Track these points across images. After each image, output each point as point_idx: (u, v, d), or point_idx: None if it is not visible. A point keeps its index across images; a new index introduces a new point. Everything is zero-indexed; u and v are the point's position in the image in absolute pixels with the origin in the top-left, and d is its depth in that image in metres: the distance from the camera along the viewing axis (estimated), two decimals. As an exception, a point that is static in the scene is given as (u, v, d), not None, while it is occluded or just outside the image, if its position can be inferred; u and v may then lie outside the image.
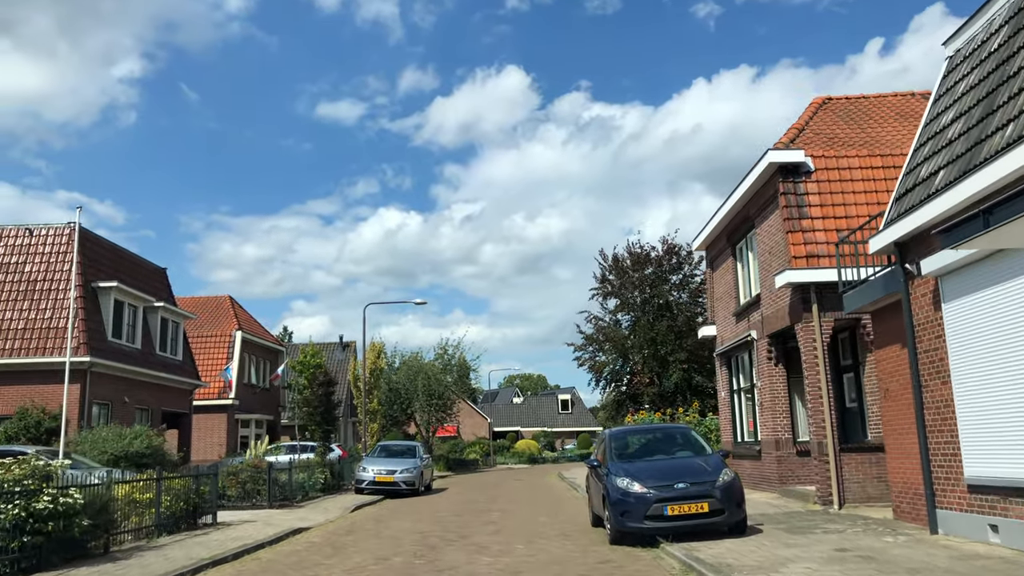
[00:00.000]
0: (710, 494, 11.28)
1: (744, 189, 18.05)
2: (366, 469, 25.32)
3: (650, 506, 11.23)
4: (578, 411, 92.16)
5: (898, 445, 12.53)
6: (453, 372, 49.68)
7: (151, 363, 28.17)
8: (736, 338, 20.26)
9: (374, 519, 17.84)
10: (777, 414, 17.80)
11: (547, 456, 70.80)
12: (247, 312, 43.15)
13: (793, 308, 16.08)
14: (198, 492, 15.27)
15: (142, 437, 21.62)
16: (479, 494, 25.49)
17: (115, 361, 25.24)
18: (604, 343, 43.83)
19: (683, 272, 43.56)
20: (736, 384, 21.41)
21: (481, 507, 20.01)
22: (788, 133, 17.63)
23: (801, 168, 16.43)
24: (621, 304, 44.01)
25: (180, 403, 30.95)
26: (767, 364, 18.04)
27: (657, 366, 41.77)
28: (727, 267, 21.37)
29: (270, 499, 19.93)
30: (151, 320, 28.88)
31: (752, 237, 19.13)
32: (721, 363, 22.26)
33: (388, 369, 47.11)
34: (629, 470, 11.91)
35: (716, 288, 22.76)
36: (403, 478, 25.06)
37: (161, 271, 31.68)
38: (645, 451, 13.02)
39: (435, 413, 47.71)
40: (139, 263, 29.63)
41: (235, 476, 20.26)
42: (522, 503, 21.10)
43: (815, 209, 16.13)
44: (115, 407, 25.69)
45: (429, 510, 19.57)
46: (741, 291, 20.49)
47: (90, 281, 25.15)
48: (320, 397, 26.30)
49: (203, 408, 36.58)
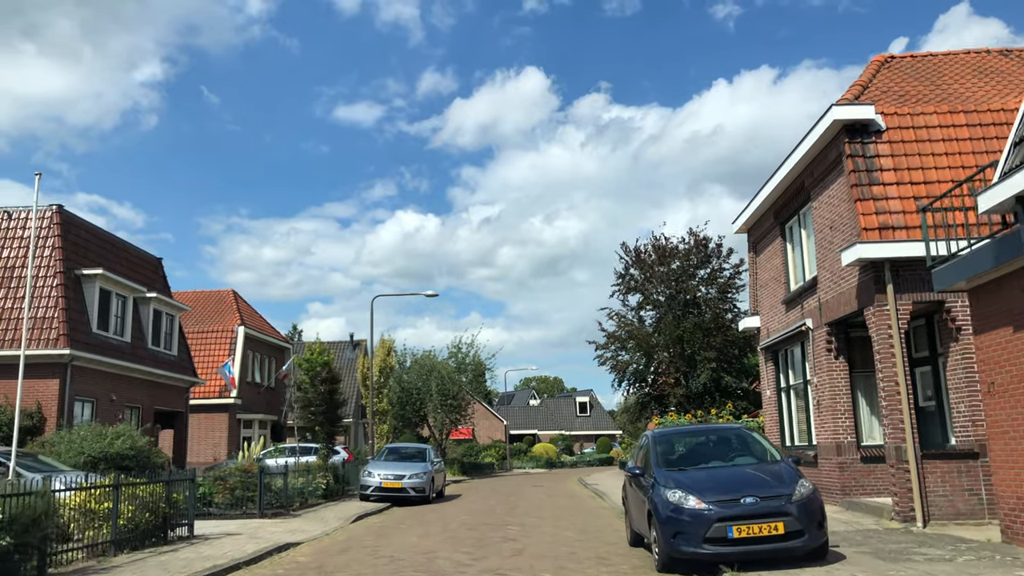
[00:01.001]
0: (785, 511, 8.99)
1: (800, 155, 15.73)
2: (371, 474, 23.14)
3: (710, 526, 8.96)
4: (596, 414, 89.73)
5: (1009, 451, 10.19)
6: (468, 372, 47.35)
7: (142, 358, 26.15)
8: (786, 329, 17.92)
9: (376, 532, 15.64)
10: (838, 414, 15.45)
11: (565, 460, 68.44)
12: (251, 307, 41.18)
13: (862, 290, 13.73)
14: (169, 500, 13.13)
15: (124, 437, 19.59)
16: (496, 502, 23.25)
17: (99, 355, 23.21)
18: (627, 341, 41.43)
19: (711, 266, 41.06)
20: (785, 381, 19.06)
21: (498, 518, 17.76)
22: (851, 90, 15.29)
23: (870, 127, 14.09)
24: (645, 300, 41.59)
25: (175, 401, 28.92)
26: (825, 357, 15.69)
27: (684, 365, 39.34)
28: (774, 250, 19.03)
29: (261, 508, 17.78)
30: (142, 312, 26.87)
31: (807, 212, 16.80)
32: (766, 358, 19.91)
33: (399, 368, 44.94)
34: (682, 480, 9.63)
35: (760, 274, 20.41)
36: (412, 484, 22.87)
37: (155, 260, 29.68)
38: (698, 456, 10.72)
39: (449, 414, 45.44)
40: (130, 251, 27.63)
41: (223, 481, 18.13)
42: (544, 514, 18.84)
43: (888, 174, 13.79)
44: (100, 405, 23.67)
45: (439, 522, 17.35)
46: (792, 275, 18.15)
47: (72, 268, 23.15)
48: (322, 395, 24.09)
49: (203, 407, 34.62)
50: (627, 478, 12.19)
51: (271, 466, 25.11)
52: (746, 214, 20.11)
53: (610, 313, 42.27)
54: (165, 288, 29.53)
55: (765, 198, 18.51)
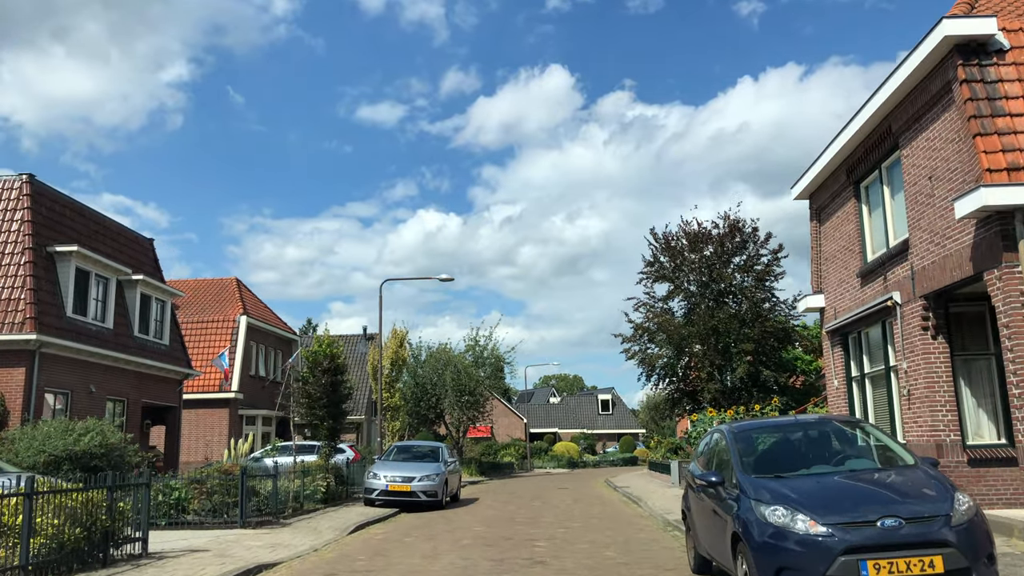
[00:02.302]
0: (942, 539, 6.22)
1: (887, 93, 12.91)
2: (377, 476, 20.53)
3: (832, 560, 6.20)
4: (619, 412, 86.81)
5: None
6: (486, 366, 44.52)
7: (127, 346, 23.68)
8: (862, 307, 15.07)
9: (374, 549, 12.99)
10: (936, 407, 12.61)
11: (588, 460, 65.62)
12: (256, 296, 38.74)
13: (982, 249, 10.90)
14: (112, 511, 10.53)
15: (94, 432, 17.13)
16: (517, 508, 20.55)
17: (75, 341, 20.75)
18: (656, 333, 38.52)
19: (747, 252, 38.05)
20: (858, 369, 16.21)
21: (521, 530, 15.05)
22: (957, 6, 12.42)
23: (990, 46, 11.26)
24: (675, 289, 38.64)
25: (167, 395, 26.46)
26: (920, 337, 12.85)
27: (718, 359, 36.39)
28: (845, 215, 16.18)
29: (243, 516, 15.16)
30: (128, 296, 24.40)
31: (894, 163, 13.96)
32: (834, 342, 17.05)
33: (414, 362, 42.34)
34: (784, 492, 6.88)
35: (825, 246, 17.56)
36: (422, 487, 20.24)
37: (146, 241, 27.24)
38: (795, 459, 7.92)
39: (466, 411, 42.72)
40: (115, 229, 25.17)
41: (200, 485, 15.56)
42: (575, 524, 16.12)
43: (1015, 103, 10.96)
44: (77, 397, 21.21)
45: (452, 534, 14.66)
46: (869, 243, 15.31)
47: (44, 244, 20.71)
48: (324, 387, 21.49)
49: (201, 402, 32.26)
50: (690, 486, 9.47)
51: (269, 466, 22.64)
52: (808, 176, 17.28)
53: (637, 304, 39.39)
54: (156, 271, 27.09)
55: (835, 155, 15.69)
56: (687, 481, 9.93)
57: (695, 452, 10.18)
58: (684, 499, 9.98)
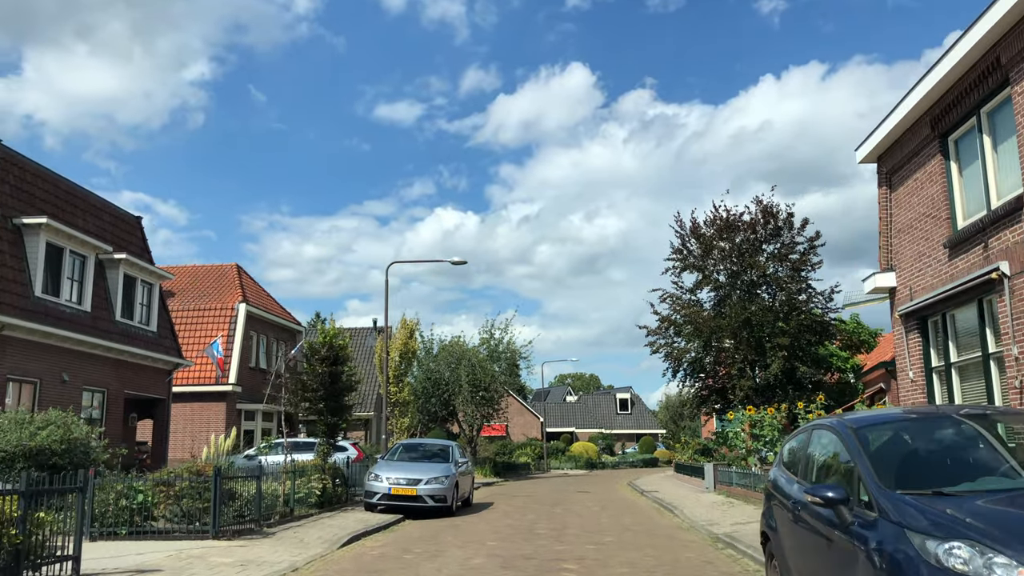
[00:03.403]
0: None
1: (1004, 9, 10.46)
2: (379, 477, 18.28)
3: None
4: (638, 412, 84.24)
5: None
6: (501, 361, 42.06)
7: (107, 332, 21.55)
8: (951, 284, 12.61)
9: (366, 569, 10.68)
10: (1060, 401, 10.16)
11: (607, 461, 63.14)
12: (257, 284, 36.56)
13: None
14: (25, 523, 8.26)
15: (54, 426, 14.98)
16: (537, 516, 18.22)
17: (44, 324, 18.63)
18: (684, 326, 35.99)
19: (781, 240, 35.43)
20: (941, 358, 13.73)
21: (544, 547, 12.71)
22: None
23: None
24: (704, 279, 36.08)
25: (154, 386, 24.32)
26: (1037, 316, 10.40)
27: (751, 353, 33.80)
28: (927, 176, 13.71)
29: (216, 524, 12.89)
30: (110, 276, 22.26)
31: (1002, 106, 11.50)
32: (908, 327, 14.58)
33: (425, 356, 40.05)
34: (959, 520, 4.49)
35: (898, 215, 15.07)
36: (430, 490, 17.95)
37: (133, 219, 25.09)
38: (954, 466, 5.52)
39: (481, 408, 40.34)
40: (96, 204, 23.01)
41: (167, 487, 13.31)
42: (607, 539, 13.77)
43: None
44: (46, 386, 19.09)
45: (461, 551, 12.33)
46: (961, 206, 12.83)
47: (9, 215, 18.57)
48: (321, 378, 19.24)
49: (196, 395, 30.15)
50: (776, 501, 7.10)
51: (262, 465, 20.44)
52: (879, 134, 14.82)
53: (663, 295, 36.87)
54: (143, 252, 24.93)
55: (915, 104, 13.23)
56: (768, 494, 7.56)
57: (778, 457, 7.79)
58: (765, 518, 7.59)
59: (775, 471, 7.62)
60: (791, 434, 7.65)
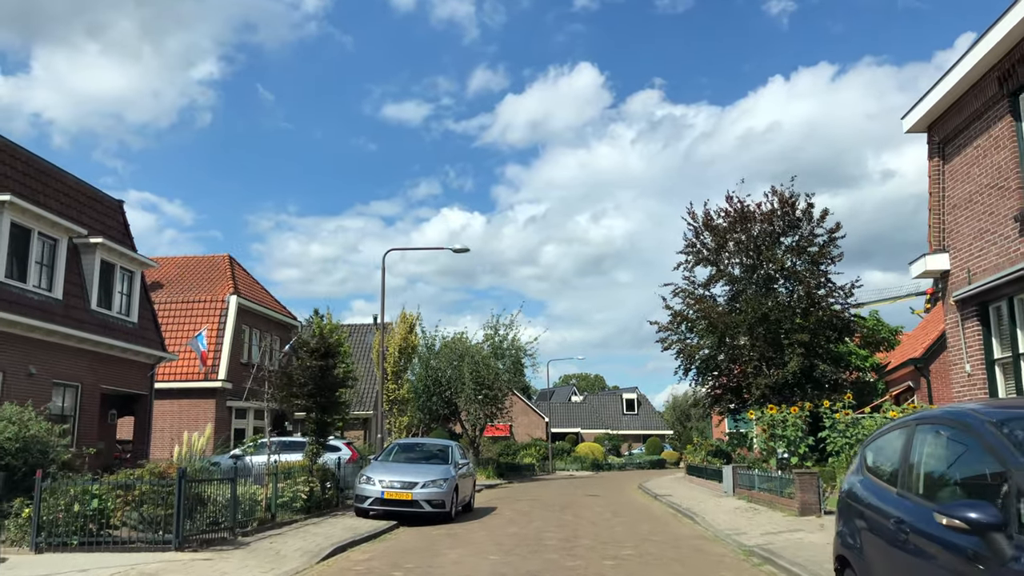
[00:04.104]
0: None
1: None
2: (371, 480, 16.69)
3: None
4: (645, 412, 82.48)
5: None
6: (506, 359, 40.34)
7: (82, 322, 19.98)
8: (1021, 264, 10.98)
9: (346, 589, 9.09)
10: None
11: (613, 462, 61.45)
12: (251, 276, 34.97)
13: None
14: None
15: (7, 422, 13.50)
16: (544, 523, 16.60)
17: (6, 312, 17.06)
18: (697, 321, 34.29)
19: (799, 232, 33.70)
20: (1006, 349, 12.08)
21: (555, 562, 11.08)
22: None
23: None
24: (718, 273, 34.36)
25: (134, 381, 22.74)
26: None
27: (769, 350, 32.07)
28: (993, 141, 12.06)
29: (179, 534, 11.28)
30: (85, 262, 20.70)
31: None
32: (966, 315, 12.93)
33: (426, 352, 38.44)
34: None
35: (953, 189, 13.43)
36: (427, 495, 16.35)
37: (114, 203, 23.53)
38: None
39: (484, 407, 38.65)
40: (72, 184, 21.43)
41: (126, 492, 11.72)
42: (626, 552, 12.14)
43: None
44: (10, 380, 17.52)
45: (457, 568, 10.68)
46: (1036, 174, 11.21)
47: (-31, 191, 17.03)
48: (311, 373, 17.66)
49: (184, 392, 28.62)
50: (863, 517, 5.49)
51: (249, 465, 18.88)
52: (932, 98, 13.18)
53: (675, 289, 35.16)
54: (125, 238, 23.36)
55: (979, 60, 11.60)
56: (845, 506, 5.94)
57: (856, 460, 6.15)
58: (841, 537, 5.97)
59: (852, 478, 6.00)
60: (876, 432, 6.03)
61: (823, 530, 13.42)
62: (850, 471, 6.17)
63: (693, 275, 35.06)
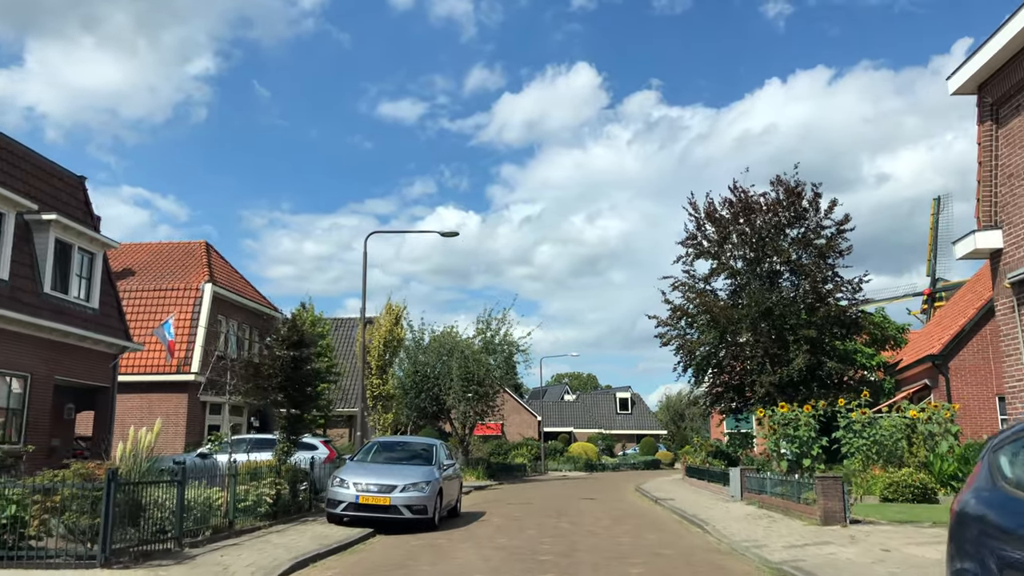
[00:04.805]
0: None
1: None
2: (344, 482, 14.96)
3: None
4: (639, 412, 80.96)
5: None
6: (497, 355, 38.52)
7: (32, 306, 18.21)
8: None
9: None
10: None
11: (607, 462, 59.83)
12: (228, 264, 33.15)
13: None
14: None
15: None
16: (539, 532, 14.91)
17: (-61, 291, 15.29)
18: (698, 316, 32.68)
19: (806, 223, 32.09)
20: (1076, 336, 10.48)
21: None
22: None
23: None
24: (719, 266, 32.74)
25: (94, 373, 20.96)
26: None
27: (773, 347, 30.46)
28: (1060, 96, 10.45)
29: (106, 547, 9.54)
30: (38, 241, 18.92)
31: None
32: (1021, 300, 11.33)
33: (414, 346, 36.69)
34: None
35: (1010, 156, 11.80)
36: (407, 499, 14.64)
37: (74, 179, 21.72)
38: None
39: (474, 405, 36.89)
40: (21, 154, 19.63)
41: (47, 496, 9.96)
42: (634, 570, 10.45)
43: None
44: (-55, 368, 15.75)
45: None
46: (1119, 130, 9.58)
47: (-102, 157, 15.23)
48: (281, 363, 15.94)
49: (153, 385, 26.86)
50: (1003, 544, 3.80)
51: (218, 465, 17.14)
52: (985, 53, 11.56)
53: (675, 283, 33.56)
54: (86, 217, 21.57)
55: (1045, 2, 10.00)
56: (962, 528, 4.26)
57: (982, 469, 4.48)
58: (954, 563, 4.30)
59: (975, 496, 4.33)
60: (1012, 430, 4.36)
61: (855, 543, 11.78)
62: (970, 485, 4.51)
63: (693, 268, 33.52)
